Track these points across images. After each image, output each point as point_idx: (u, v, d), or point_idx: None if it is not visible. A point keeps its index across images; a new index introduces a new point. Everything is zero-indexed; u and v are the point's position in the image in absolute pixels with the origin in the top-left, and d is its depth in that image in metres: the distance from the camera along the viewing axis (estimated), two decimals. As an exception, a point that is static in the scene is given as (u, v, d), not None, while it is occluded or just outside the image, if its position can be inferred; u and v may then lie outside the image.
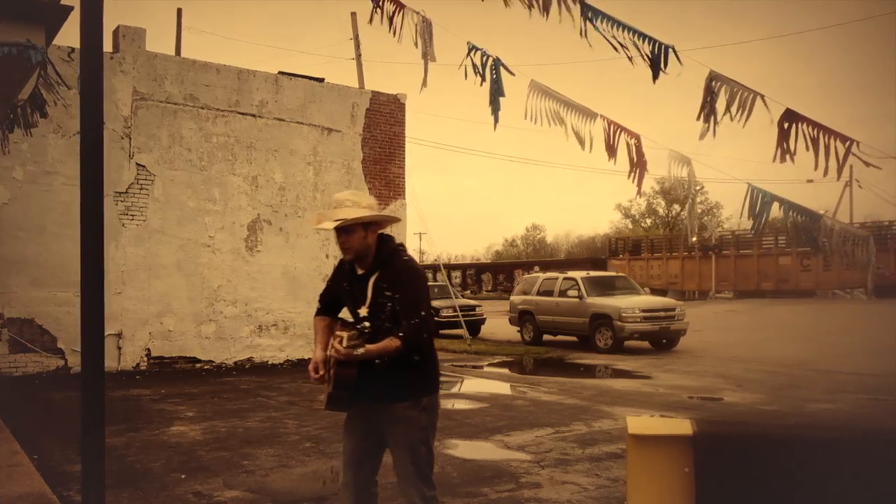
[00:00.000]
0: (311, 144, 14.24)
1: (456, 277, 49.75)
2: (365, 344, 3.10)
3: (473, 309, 21.70)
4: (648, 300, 17.59)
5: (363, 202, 3.34)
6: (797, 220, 3.82)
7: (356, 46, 17.57)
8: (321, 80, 14.65)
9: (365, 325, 3.15)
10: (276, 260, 13.78)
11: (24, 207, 11.47)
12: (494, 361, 15.37)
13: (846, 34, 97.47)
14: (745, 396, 10.29)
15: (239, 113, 13.45)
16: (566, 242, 78.38)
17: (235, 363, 13.23)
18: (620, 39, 3.92)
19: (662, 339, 16.99)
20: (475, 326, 20.89)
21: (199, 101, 13.04)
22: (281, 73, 14.29)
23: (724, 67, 3.97)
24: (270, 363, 13.58)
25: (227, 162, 13.33)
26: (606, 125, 4.02)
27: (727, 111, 3.62)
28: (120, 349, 12.11)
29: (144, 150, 12.51)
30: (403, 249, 3.42)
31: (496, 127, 4.32)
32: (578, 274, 18.88)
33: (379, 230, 3.40)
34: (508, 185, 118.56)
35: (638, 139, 4.01)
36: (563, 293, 18.14)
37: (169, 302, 12.66)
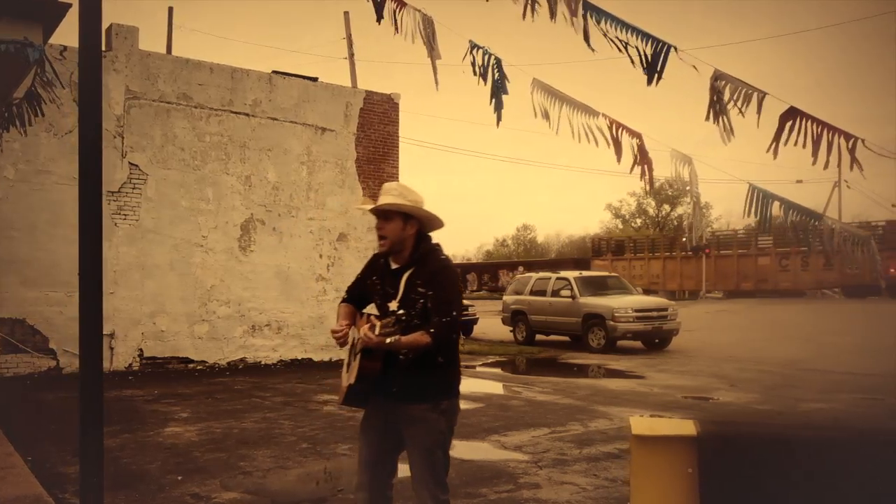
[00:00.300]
0: (304, 144, 14.19)
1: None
2: (399, 333, 3.04)
3: (466, 308, 21.68)
4: (641, 300, 17.64)
5: (409, 196, 3.36)
6: (797, 219, 3.84)
7: (349, 46, 17.58)
8: (315, 79, 14.61)
9: (400, 312, 3.09)
10: (269, 260, 13.72)
11: (15, 207, 11.36)
12: (488, 361, 15.38)
13: (844, 34, 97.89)
14: (739, 396, 10.34)
15: (232, 112, 13.39)
16: (557, 242, 78.48)
17: (228, 363, 13.17)
18: (622, 39, 3.93)
19: (655, 338, 17.04)
20: (468, 326, 20.85)
21: (192, 100, 12.97)
22: (275, 72, 14.24)
23: (723, 67, 3.98)
24: (264, 363, 13.52)
25: (220, 161, 13.26)
26: (609, 123, 4.02)
27: (732, 102, 3.62)
28: (112, 349, 12.03)
29: (137, 149, 12.43)
30: (440, 250, 3.42)
31: (499, 124, 4.32)
32: (571, 274, 18.91)
33: (420, 229, 3.39)
34: (501, 185, 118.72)
35: (640, 137, 4.01)
36: (555, 293, 18.17)
37: (162, 302, 12.59)
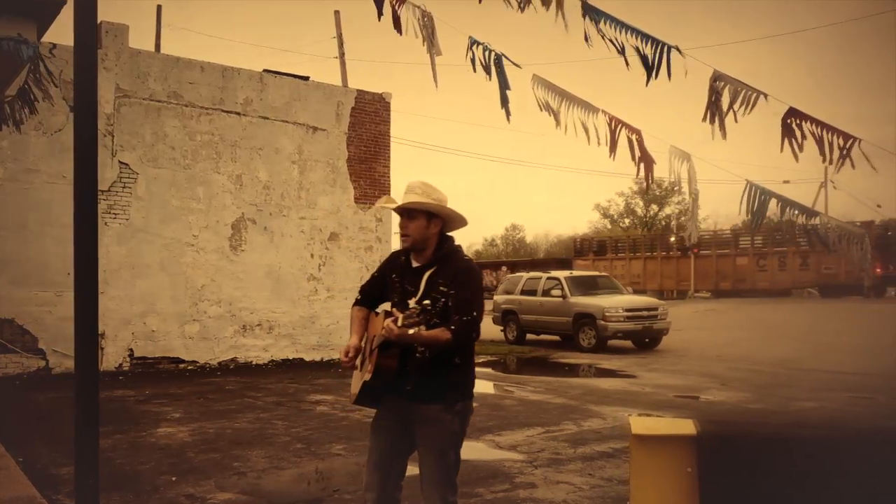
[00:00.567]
0: (295, 143, 14.14)
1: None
2: (423, 324, 2.97)
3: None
4: (631, 300, 17.71)
5: (433, 194, 3.37)
6: (795, 217, 3.86)
7: (339, 45, 17.54)
8: (306, 78, 14.56)
9: (426, 302, 3.03)
10: (260, 259, 13.66)
11: (4, 206, 11.25)
12: (479, 360, 15.37)
13: (843, 33, 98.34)
14: (730, 395, 10.39)
15: (223, 111, 13.32)
16: (545, 242, 78.55)
17: (219, 363, 13.10)
18: (622, 40, 3.93)
19: (645, 338, 17.11)
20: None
21: (182, 98, 12.89)
22: (266, 71, 14.18)
23: (723, 67, 3.99)
24: (255, 363, 13.46)
25: (211, 160, 13.19)
26: (608, 120, 4.03)
27: (730, 108, 3.64)
28: (102, 349, 11.93)
29: (127, 147, 12.34)
30: (463, 251, 3.44)
31: (509, 119, 4.33)
32: (562, 273, 18.96)
33: (443, 228, 3.40)
34: (492, 185, 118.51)
35: (639, 134, 4.02)
36: (546, 293, 18.20)
37: (152, 302, 12.51)
